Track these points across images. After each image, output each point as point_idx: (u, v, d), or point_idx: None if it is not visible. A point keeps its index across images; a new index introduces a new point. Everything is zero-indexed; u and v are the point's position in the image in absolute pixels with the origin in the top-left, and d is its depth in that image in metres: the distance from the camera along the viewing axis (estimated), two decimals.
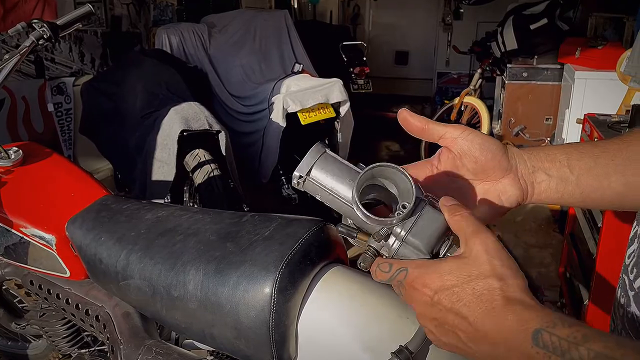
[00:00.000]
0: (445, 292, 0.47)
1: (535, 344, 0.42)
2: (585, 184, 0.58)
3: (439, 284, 0.48)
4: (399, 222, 0.52)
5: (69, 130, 3.09)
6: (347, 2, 6.88)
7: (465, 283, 0.47)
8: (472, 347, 0.47)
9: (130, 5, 3.61)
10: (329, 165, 0.56)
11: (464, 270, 0.47)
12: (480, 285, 0.46)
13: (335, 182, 0.55)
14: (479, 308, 0.45)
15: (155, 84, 2.58)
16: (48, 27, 1.45)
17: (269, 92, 2.90)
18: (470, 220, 0.50)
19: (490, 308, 0.45)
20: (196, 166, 2.28)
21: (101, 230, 1.10)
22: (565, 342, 0.40)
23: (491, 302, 0.45)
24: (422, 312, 0.50)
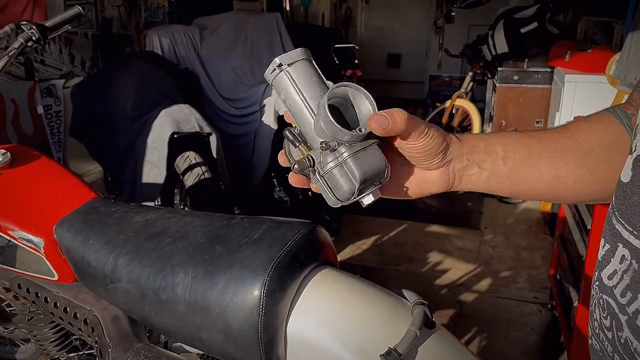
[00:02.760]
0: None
1: None
2: (516, 176, 0.60)
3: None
4: (350, 142, 0.54)
5: (59, 132, 3.07)
6: (339, 5, 6.90)
7: None
8: None
9: (121, 7, 3.60)
10: (308, 70, 0.57)
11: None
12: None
13: (308, 87, 0.56)
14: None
15: (145, 86, 2.57)
16: (37, 28, 1.44)
17: (260, 94, 2.90)
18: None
19: None
20: (187, 169, 2.27)
21: (89, 233, 1.09)
22: None
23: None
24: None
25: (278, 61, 0.56)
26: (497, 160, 0.60)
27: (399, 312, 0.84)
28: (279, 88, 0.57)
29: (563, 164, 0.59)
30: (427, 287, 2.64)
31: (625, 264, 0.47)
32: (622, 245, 0.48)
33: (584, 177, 0.58)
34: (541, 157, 0.60)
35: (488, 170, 0.60)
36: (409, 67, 7.04)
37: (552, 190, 0.61)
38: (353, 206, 0.63)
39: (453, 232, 3.32)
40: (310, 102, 0.56)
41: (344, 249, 3.03)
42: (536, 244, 3.11)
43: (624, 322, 0.46)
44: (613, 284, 0.49)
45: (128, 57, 3.12)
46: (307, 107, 0.56)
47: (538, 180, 0.60)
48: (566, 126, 0.63)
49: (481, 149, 0.61)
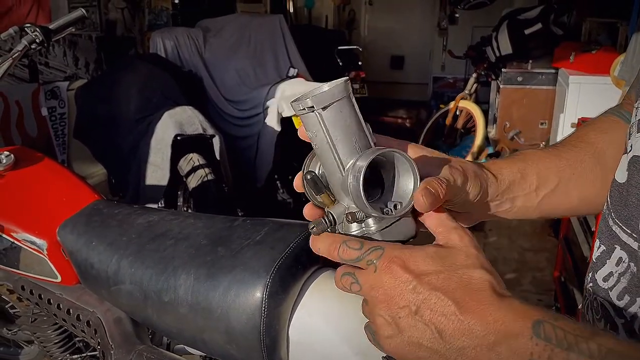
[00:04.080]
0: (430, 276, 0.41)
1: (535, 335, 0.37)
2: (545, 205, 0.58)
3: (423, 268, 0.42)
4: (382, 220, 0.47)
5: (63, 134, 3.07)
6: (343, 7, 6.90)
7: (452, 270, 0.42)
8: (443, 345, 0.40)
9: (124, 9, 3.62)
10: (346, 112, 0.47)
11: (450, 259, 0.43)
12: (468, 274, 0.41)
13: (343, 136, 0.46)
14: (469, 297, 0.40)
15: (149, 89, 2.57)
16: (41, 31, 1.45)
17: (263, 96, 2.90)
18: (451, 216, 0.47)
19: (482, 298, 0.40)
20: (190, 170, 2.28)
21: (92, 235, 1.09)
22: (571, 336, 0.36)
23: (481, 291, 0.40)
24: (394, 298, 0.42)
25: (310, 103, 0.46)
26: (530, 194, 0.58)
27: None
28: (306, 125, 0.48)
29: (590, 185, 0.57)
30: None
31: (622, 267, 0.46)
32: (620, 247, 0.46)
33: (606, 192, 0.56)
34: (570, 181, 0.58)
35: (519, 205, 0.58)
36: (413, 69, 7.03)
37: (576, 211, 0.60)
38: None
39: None
40: (341, 155, 0.46)
41: None
42: (540, 246, 3.10)
43: (620, 326, 0.45)
44: (608, 286, 0.47)
45: (131, 60, 3.13)
46: (337, 160, 0.47)
47: (565, 205, 0.59)
48: (584, 137, 0.61)
49: (516, 183, 0.57)
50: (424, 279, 0.41)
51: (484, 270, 0.42)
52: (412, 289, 0.42)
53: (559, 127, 3.33)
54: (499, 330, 0.38)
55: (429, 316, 0.41)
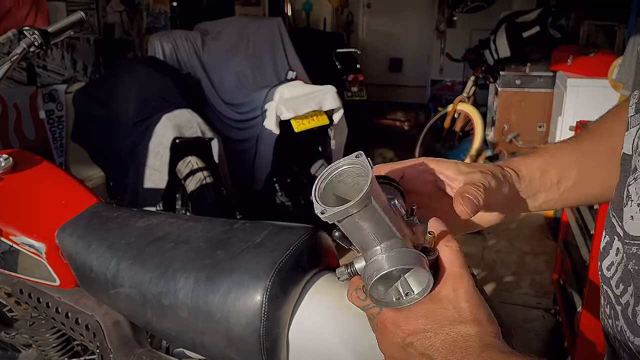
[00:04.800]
0: (418, 335, 0.44)
1: None
2: (567, 195, 0.61)
3: (413, 326, 0.45)
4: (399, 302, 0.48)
5: (61, 137, 3.07)
6: (341, 10, 6.92)
7: (439, 327, 0.44)
8: None
9: (123, 12, 3.61)
10: (366, 219, 0.45)
11: (439, 314, 0.45)
12: (455, 330, 0.43)
13: (361, 238, 0.47)
14: (453, 355, 0.43)
15: (147, 91, 2.57)
16: (39, 34, 1.44)
17: (262, 99, 2.90)
18: (457, 258, 0.48)
19: (465, 354, 0.42)
20: (188, 174, 2.27)
21: (91, 238, 1.09)
22: None
23: (466, 348, 0.42)
24: (391, 354, 0.47)
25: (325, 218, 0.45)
26: (551, 188, 0.60)
27: None
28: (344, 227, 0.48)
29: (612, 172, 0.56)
30: None
31: (619, 257, 0.48)
32: (617, 238, 0.48)
33: None
34: (590, 171, 0.60)
35: (542, 200, 0.61)
36: (411, 72, 7.04)
37: (602, 198, 0.61)
38: None
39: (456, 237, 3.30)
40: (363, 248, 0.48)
41: (346, 254, 3.03)
42: (539, 249, 3.10)
43: (620, 312, 0.47)
44: (610, 274, 0.49)
45: (130, 63, 3.13)
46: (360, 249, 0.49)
47: (589, 195, 0.61)
48: (603, 125, 0.63)
49: (536, 179, 0.60)
50: (413, 338, 0.45)
51: (471, 325, 0.44)
52: (403, 348, 0.45)
53: (557, 130, 3.34)
54: None
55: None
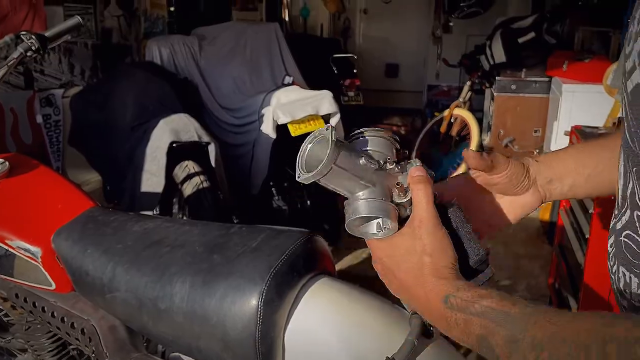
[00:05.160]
0: (387, 258, 0.61)
1: (446, 306, 0.53)
2: (594, 181, 0.67)
3: (385, 252, 0.61)
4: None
5: (58, 142, 3.07)
6: (338, 15, 6.94)
7: (404, 255, 0.59)
8: (405, 297, 0.62)
9: (120, 17, 3.62)
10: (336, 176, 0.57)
11: (406, 245, 0.59)
12: (412, 259, 0.58)
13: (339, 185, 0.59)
14: (410, 277, 0.58)
15: (145, 96, 2.58)
16: (36, 38, 1.45)
17: (259, 104, 2.90)
18: (423, 199, 0.58)
19: (419, 278, 0.57)
20: (185, 178, 2.28)
21: (88, 242, 1.09)
22: (464, 302, 0.51)
23: (420, 275, 0.57)
24: (377, 267, 0.65)
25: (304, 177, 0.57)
26: (570, 173, 0.68)
27: (397, 322, 0.84)
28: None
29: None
30: None
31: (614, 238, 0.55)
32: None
33: None
34: (610, 160, 0.65)
35: (569, 183, 0.68)
36: (407, 77, 7.07)
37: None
38: None
39: None
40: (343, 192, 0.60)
41: (343, 259, 3.02)
42: (535, 253, 3.11)
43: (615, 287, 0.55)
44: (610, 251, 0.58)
45: (127, 67, 3.14)
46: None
47: (612, 182, 0.62)
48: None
49: (555, 165, 0.68)
50: (386, 259, 0.62)
51: (425, 255, 0.57)
52: (381, 262, 0.63)
53: (552, 135, 3.36)
54: (425, 305, 0.57)
55: (392, 280, 0.63)
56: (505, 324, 0.47)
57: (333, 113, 2.91)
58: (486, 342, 0.48)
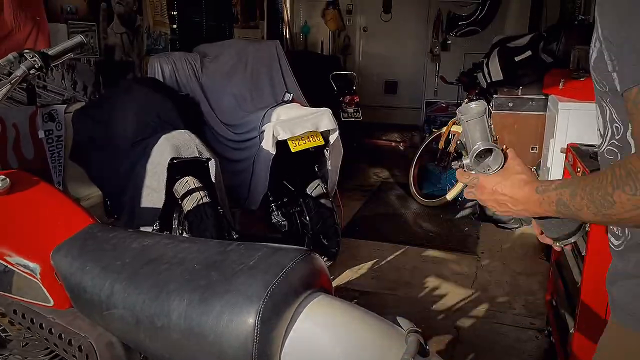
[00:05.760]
0: (499, 184, 0.92)
1: (537, 193, 0.86)
2: None
3: (495, 180, 0.93)
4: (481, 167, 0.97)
5: (59, 157, 3.08)
6: (338, 33, 7.02)
7: (507, 179, 0.92)
8: (514, 207, 0.92)
9: (123, 34, 3.67)
10: (478, 124, 0.96)
11: (507, 174, 0.92)
12: (516, 177, 0.91)
13: (473, 132, 0.96)
14: (513, 189, 0.90)
15: (146, 112, 2.60)
16: (39, 57, 1.47)
17: (259, 120, 2.93)
18: (512, 153, 0.95)
19: (522, 187, 0.89)
20: (185, 193, 2.29)
21: (86, 259, 1.10)
22: (545, 187, 0.85)
23: (521, 186, 0.90)
24: (487, 199, 0.96)
25: (462, 117, 0.98)
26: None
27: (393, 340, 0.84)
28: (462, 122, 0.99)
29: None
30: (425, 312, 2.63)
31: None
32: None
33: None
34: None
35: None
36: (406, 94, 7.12)
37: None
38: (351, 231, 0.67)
39: (450, 257, 3.32)
40: (472, 140, 0.96)
41: (341, 273, 3.03)
42: (533, 270, 3.11)
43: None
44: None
45: (129, 83, 3.16)
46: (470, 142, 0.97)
47: None
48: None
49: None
50: (497, 186, 0.93)
51: (523, 174, 0.91)
52: (493, 193, 0.94)
53: (549, 152, 3.38)
54: (527, 198, 0.88)
55: (503, 202, 0.93)
56: (567, 186, 0.82)
57: (332, 129, 2.94)
58: (561, 201, 0.83)
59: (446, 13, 6.43)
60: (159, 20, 4.01)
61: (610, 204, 0.75)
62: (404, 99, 7.11)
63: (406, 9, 6.76)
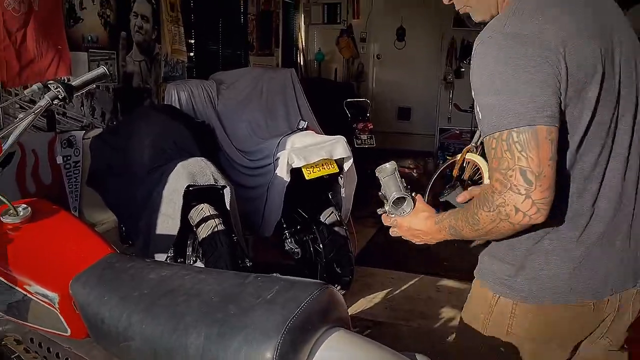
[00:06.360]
0: (411, 223, 1.26)
1: (436, 224, 1.20)
2: None
3: (408, 222, 1.26)
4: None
5: (76, 182, 3.13)
6: (352, 60, 7.10)
7: (416, 218, 1.25)
8: (425, 237, 1.25)
9: (142, 62, 3.75)
10: (391, 179, 1.26)
11: (415, 214, 1.25)
12: (419, 216, 1.24)
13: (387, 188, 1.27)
14: (421, 224, 1.24)
15: (163, 139, 2.63)
16: (63, 88, 1.50)
17: (274, 147, 2.95)
18: (420, 199, 1.28)
19: (424, 222, 1.23)
20: (200, 221, 2.30)
21: (104, 289, 1.10)
22: (440, 219, 1.19)
23: (424, 220, 1.23)
24: (405, 234, 1.28)
25: (378, 174, 1.28)
26: None
27: None
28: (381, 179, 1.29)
29: None
30: (441, 346, 2.58)
31: None
32: None
33: None
34: None
35: None
36: (420, 120, 7.13)
37: None
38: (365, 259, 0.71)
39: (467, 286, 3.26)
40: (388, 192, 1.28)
41: (355, 302, 2.99)
42: None
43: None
44: None
45: (146, 110, 3.22)
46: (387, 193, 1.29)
47: None
48: None
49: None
50: (410, 224, 1.26)
51: (425, 212, 1.24)
52: (409, 229, 1.27)
53: None
54: (430, 230, 1.23)
55: (416, 234, 1.27)
56: (452, 215, 1.15)
57: (346, 157, 2.95)
58: (451, 226, 1.14)
59: (460, 41, 6.49)
60: (176, 48, 4.09)
61: (477, 221, 1.05)
62: (417, 125, 7.12)
63: (420, 36, 6.82)
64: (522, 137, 0.97)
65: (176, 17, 4.07)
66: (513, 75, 0.98)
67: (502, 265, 1.16)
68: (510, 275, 1.14)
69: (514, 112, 0.97)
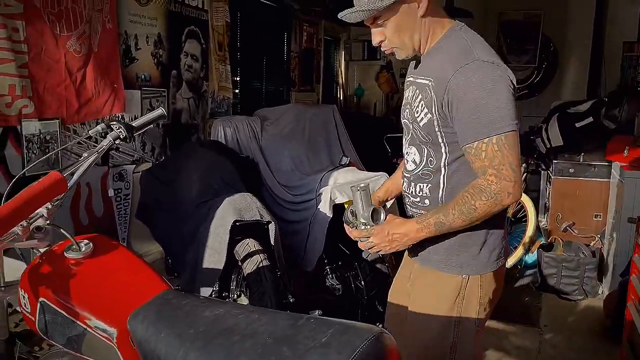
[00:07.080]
0: (389, 229, 1.42)
1: (417, 223, 1.39)
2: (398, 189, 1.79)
3: (386, 228, 1.43)
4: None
5: (126, 214, 3.24)
6: (391, 95, 7.16)
7: (391, 223, 1.43)
8: (402, 240, 1.42)
9: (190, 99, 3.90)
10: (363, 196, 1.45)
11: (389, 221, 1.44)
12: (395, 222, 1.44)
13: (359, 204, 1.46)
14: (399, 227, 1.42)
15: (210, 175, 2.71)
16: (125, 128, 1.59)
17: (317, 183, 3.00)
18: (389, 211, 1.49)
19: (402, 225, 1.42)
20: (246, 256, 2.34)
21: (161, 325, 1.13)
22: (421, 219, 1.40)
23: (402, 223, 1.43)
24: (382, 241, 1.43)
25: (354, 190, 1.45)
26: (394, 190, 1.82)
27: None
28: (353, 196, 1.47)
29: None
30: None
31: None
32: None
33: None
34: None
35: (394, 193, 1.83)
36: None
37: None
38: None
39: (511, 329, 3.17)
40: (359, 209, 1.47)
41: None
42: (600, 346, 2.92)
43: None
44: None
45: (194, 146, 3.33)
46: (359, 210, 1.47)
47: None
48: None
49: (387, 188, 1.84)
50: (387, 231, 1.43)
51: (398, 218, 1.45)
52: (385, 237, 1.43)
53: (614, 221, 3.24)
54: (411, 232, 1.41)
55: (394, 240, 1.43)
56: (440, 211, 1.37)
57: None
58: (438, 221, 1.36)
59: None
60: (223, 85, 4.24)
61: (473, 209, 1.32)
62: None
63: None
64: (509, 140, 1.30)
65: (223, 56, 4.23)
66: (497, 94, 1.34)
67: (468, 250, 1.45)
68: (476, 254, 1.44)
69: (499, 121, 1.30)
